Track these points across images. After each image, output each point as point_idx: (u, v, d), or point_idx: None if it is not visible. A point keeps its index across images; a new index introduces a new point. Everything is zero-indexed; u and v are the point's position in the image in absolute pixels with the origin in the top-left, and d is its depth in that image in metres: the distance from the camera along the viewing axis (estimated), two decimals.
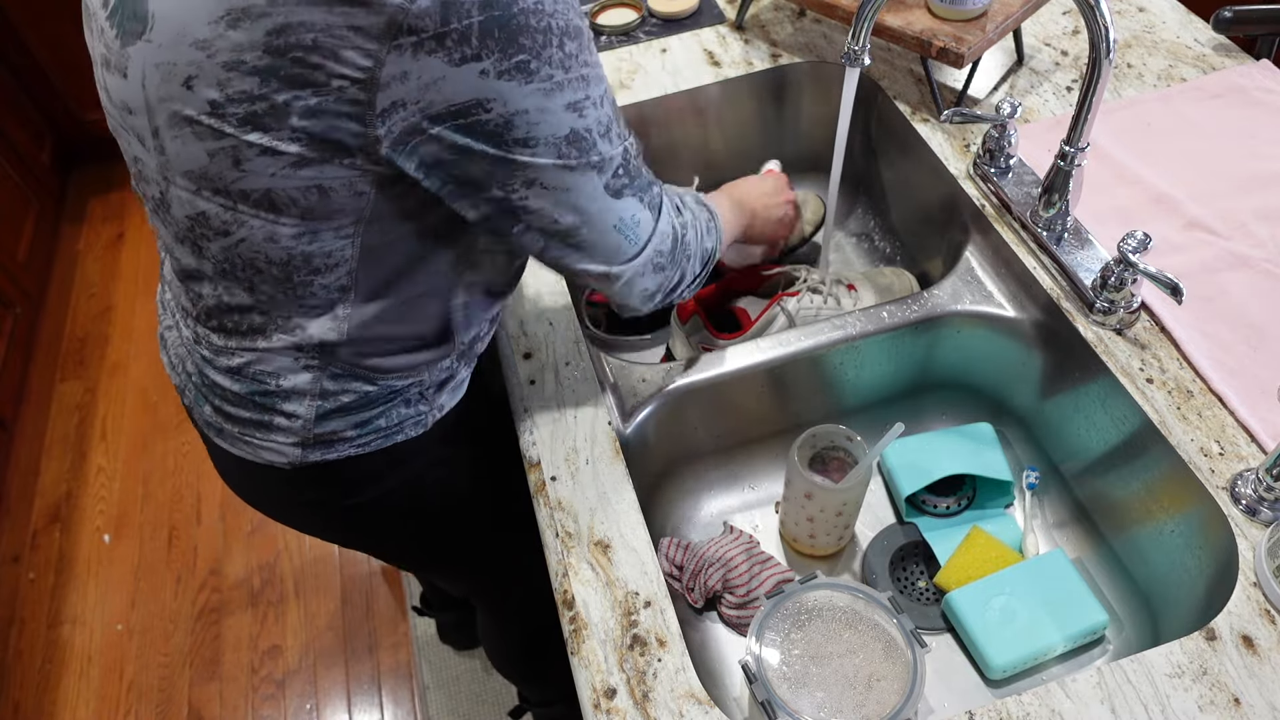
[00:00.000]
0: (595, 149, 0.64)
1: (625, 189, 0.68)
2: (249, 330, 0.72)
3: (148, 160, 0.66)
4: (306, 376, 0.73)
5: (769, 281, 1.09)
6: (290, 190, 0.61)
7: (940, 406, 1.05)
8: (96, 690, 1.73)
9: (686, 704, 0.68)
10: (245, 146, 0.59)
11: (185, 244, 0.69)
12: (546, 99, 0.59)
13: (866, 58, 0.88)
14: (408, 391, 0.78)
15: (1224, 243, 0.93)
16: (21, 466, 2.08)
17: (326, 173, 0.60)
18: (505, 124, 0.58)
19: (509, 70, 0.56)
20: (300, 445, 0.77)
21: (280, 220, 0.63)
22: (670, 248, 0.74)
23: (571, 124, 0.61)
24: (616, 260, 0.71)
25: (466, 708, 1.62)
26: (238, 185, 0.62)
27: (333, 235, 0.65)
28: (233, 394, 0.75)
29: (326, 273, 0.67)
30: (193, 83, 0.58)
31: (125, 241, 2.55)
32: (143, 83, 0.61)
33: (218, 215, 0.64)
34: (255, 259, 0.66)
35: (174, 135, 0.61)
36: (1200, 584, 0.78)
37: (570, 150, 0.62)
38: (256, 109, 0.57)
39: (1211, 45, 1.16)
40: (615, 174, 0.66)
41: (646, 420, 0.90)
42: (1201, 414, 0.81)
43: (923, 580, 0.92)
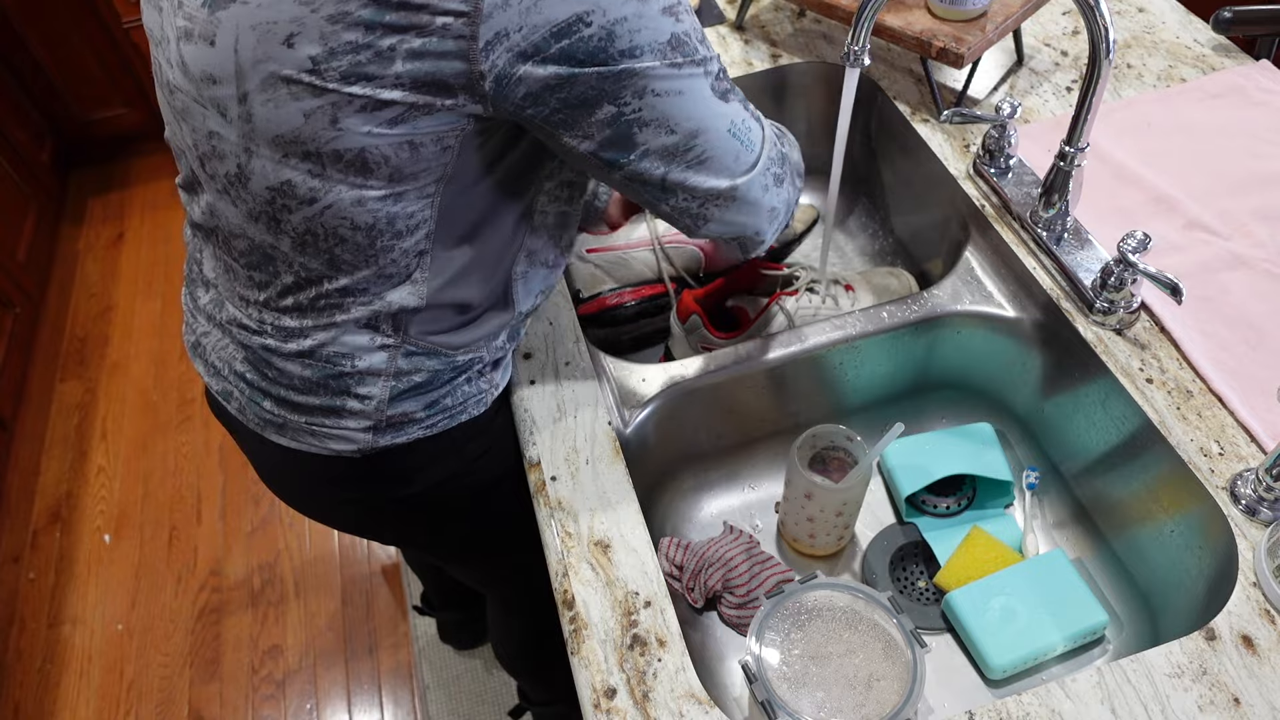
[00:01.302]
0: (697, 51, 0.64)
1: (730, 93, 0.68)
2: (326, 306, 0.72)
3: (227, 134, 0.66)
4: (382, 356, 0.74)
5: (767, 280, 1.09)
6: (383, 148, 0.62)
7: (940, 406, 1.05)
8: (96, 690, 1.73)
9: (686, 704, 0.68)
10: (344, 103, 0.60)
11: (261, 220, 0.69)
12: (643, 3, 0.59)
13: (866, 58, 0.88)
14: (469, 369, 0.80)
15: (1224, 243, 0.93)
16: (21, 466, 2.08)
17: (420, 126, 0.61)
18: (608, 35, 0.59)
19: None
20: (372, 429, 0.77)
21: (369, 183, 0.64)
22: (779, 156, 0.74)
23: (670, 28, 0.61)
24: (739, 170, 0.70)
25: (467, 708, 1.62)
26: (331, 145, 0.62)
27: (415, 195, 0.66)
28: (302, 380, 0.75)
29: (408, 235, 0.68)
30: (294, 40, 0.59)
31: (125, 241, 2.55)
32: (235, 47, 0.61)
33: (304, 182, 0.65)
34: (339, 226, 0.67)
35: (266, 99, 0.62)
36: (1200, 584, 0.78)
37: (674, 54, 0.62)
38: (361, 58, 0.58)
39: (1211, 45, 1.16)
40: (719, 77, 0.66)
41: (646, 420, 0.90)
42: (1201, 414, 0.81)
43: (923, 580, 0.92)
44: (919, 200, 1.14)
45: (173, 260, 2.49)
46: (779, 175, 0.74)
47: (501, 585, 1.18)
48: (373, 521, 0.93)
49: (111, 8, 2.32)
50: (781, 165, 0.74)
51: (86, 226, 2.60)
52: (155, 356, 2.26)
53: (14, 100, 2.40)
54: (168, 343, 2.28)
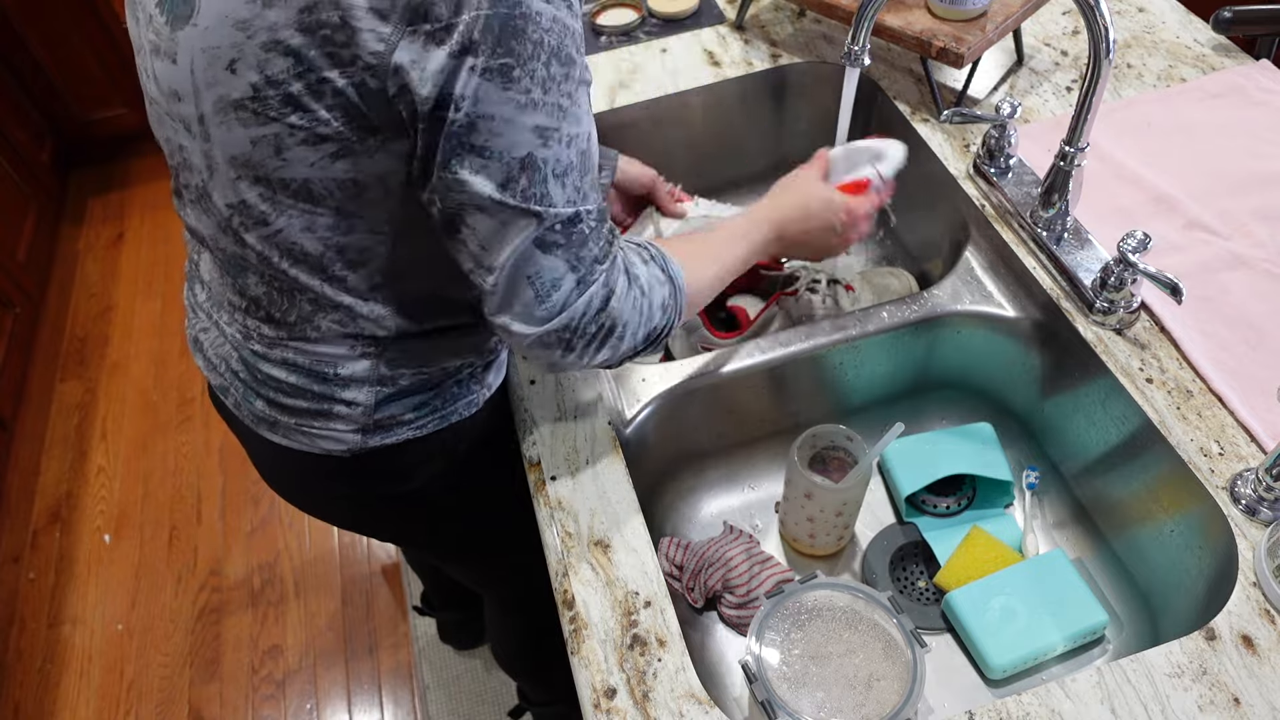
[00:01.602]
0: (544, 186, 0.61)
1: (555, 247, 0.64)
2: (297, 320, 0.72)
3: (192, 148, 0.67)
4: (364, 364, 0.74)
5: (767, 280, 1.09)
6: (326, 182, 0.63)
7: (940, 406, 1.05)
8: (96, 690, 1.73)
9: (686, 704, 0.68)
10: (287, 134, 0.60)
11: (227, 234, 0.70)
12: (517, 112, 0.58)
13: (866, 58, 0.88)
14: (460, 373, 0.80)
15: (1224, 243, 0.93)
16: (21, 466, 2.08)
17: (362, 165, 0.62)
18: (470, 125, 0.58)
19: (492, 70, 0.57)
20: (360, 431, 0.77)
21: (318, 211, 0.64)
22: (594, 330, 0.68)
23: (531, 148, 0.60)
24: (519, 317, 0.66)
25: (466, 708, 1.62)
26: (278, 174, 0.63)
27: (366, 230, 0.66)
28: (289, 385, 0.76)
29: (360, 267, 0.68)
30: (236, 65, 0.59)
31: (125, 241, 2.55)
32: (191, 68, 0.62)
33: (257, 205, 0.65)
34: (293, 249, 0.67)
35: (219, 121, 0.63)
36: (1200, 584, 0.78)
37: (520, 177, 0.60)
38: (294, 90, 0.59)
39: (1211, 45, 1.16)
40: (552, 229, 0.63)
41: (646, 420, 0.90)
42: (1201, 414, 0.81)
43: (923, 580, 0.92)
44: (919, 200, 1.14)
45: (173, 260, 2.49)
46: (570, 343, 0.68)
47: (499, 585, 1.18)
48: (368, 518, 0.93)
49: (111, 8, 2.32)
50: (586, 337, 0.68)
51: (86, 226, 2.60)
52: (155, 356, 2.26)
53: (14, 100, 2.40)
54: (168, 343, 2.28)
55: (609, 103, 1.16)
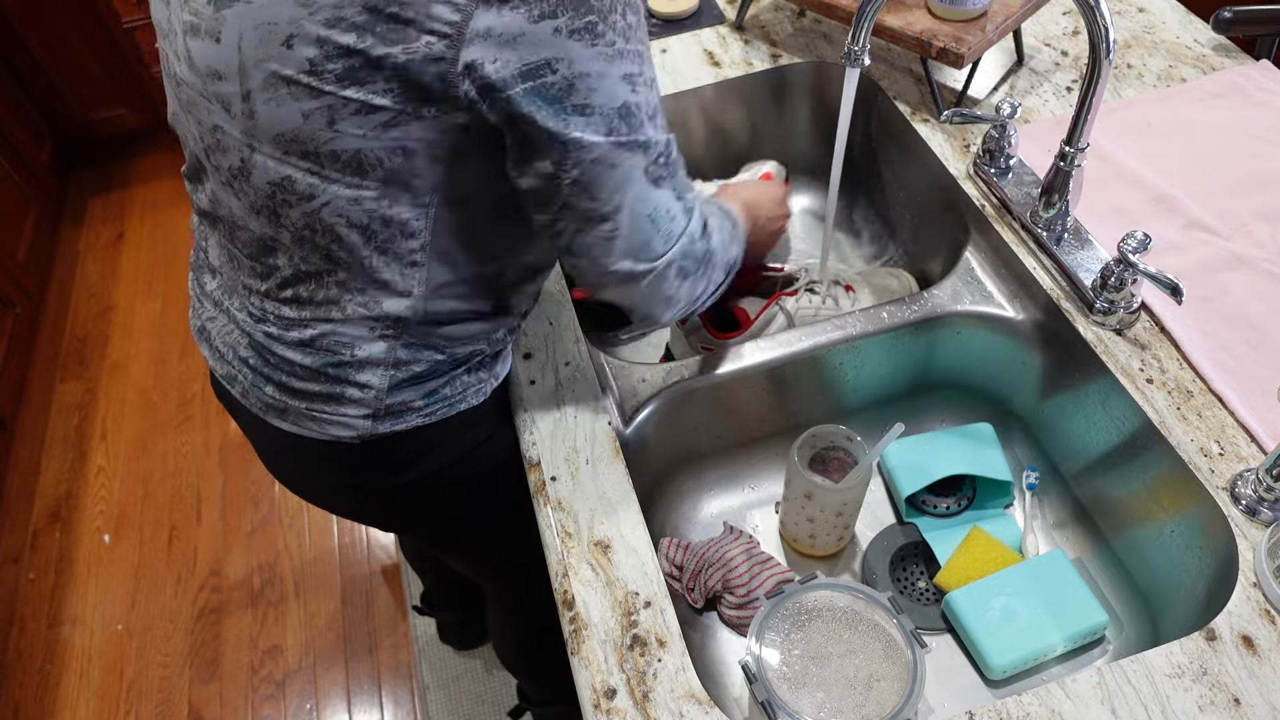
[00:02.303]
0: (643, 129, 0.65)
1: (664, 180, 0.68)
2: (324, 300, 0.73)
3: (230, 128, 0.67)
4: (381, 345, 0.75)
5: (767, 281, 1.09)
6: (378, 151, 0.64)
7: (940, 406, 1.05)
8: (96, 690, 1.73)
9: (686, 704, 0.68)
10: (341, 105, 0.61)
11: (262, 214, 0.70)
12: (608, 64, 0.61)
13: (866, 58, 0.88)
14: (469, 360, 0.81)
15: (1224, 243, 0.93)
16: (21, 466, 2.08)
17: (412, 133, 0.63)
18: (568, 87, 0.60)
19: (579, 30, 0.59)
20: (371, 417, 0.78)
21: (365, 183, 0.65)
22: (700, 253, 0.74)
23: (625, 97, 0.63)
24: (645, 256, 0.70)
25: (466, 708, 1.62)
26: (329, 146, 0.64)
27: (410, 202, 0.67)
28: (303, 368, 0.76)
29: (402, 240, 0.69)
30: (293, 41, 0.60)
31: (125, 241, 2.55)
32: (239, 45, 0.62)
33: (303, 179, 0.66)
34: (336, 224, 0.68)
35: (268, 98, 0.63)
36: (1200, 584, 0.78)
37: (621, 125, 0.63)
38: (354, 63, 0.60)
39: (1211, 45, 1.16)
40: (657, 161, 0.67)
41: (646, 420, 0.90)
42: (1201, 414, 0.81)
43: (923, 580, 0.92)
44: (919, 200, 1.13)
45: (173, 260, 2.49)
46: (685, 269, 0.74)
47: (501, 580, 1.18)
48: (374, 508, 0.94)
49: (111, 8, 2.32)
50: (695, 260, 0.74)
51: (86, 226, 2.60)
52: (155, 356, 2.26)
53: (14, 100, 2.40)
54: (168, 343, 2.28)
55: None
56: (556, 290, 0.97)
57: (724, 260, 0.79)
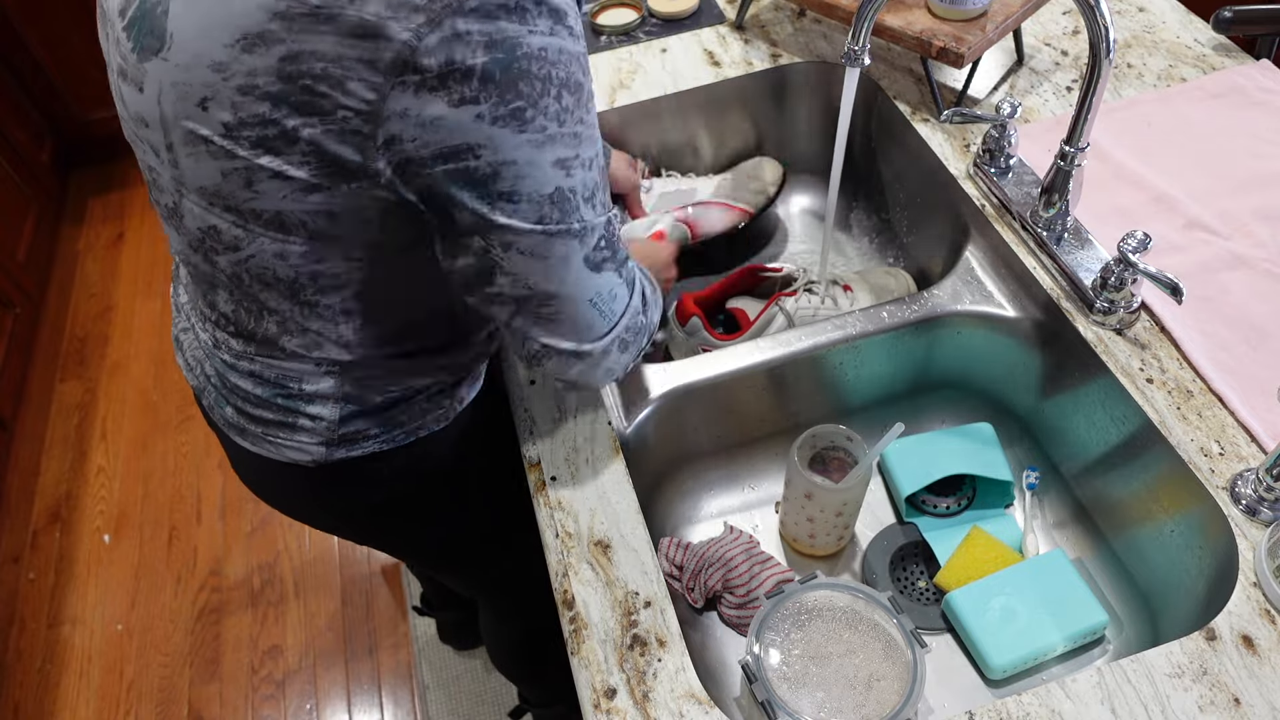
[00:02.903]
0: (578, 213, 0.62)
1: (606, 262, 0.66)
2: (266, 339, 0.72)
3: (161, 171, 0.66)
4: (330, 382, 0.74)
5: (767, 281, 1.09)
6: (300, 213, 0.62)
7: (940, 406, 1.05)
8: (96, 690, 1.73)
9: (686, 704, 0.68)
10: (257, 170, 0.60)
11: (198, 253, 0.69)
12: (537, 151, 0.58)
13: (866, 58, 0.88)
14: (430, 389, 0.79)
15: (1224, 243, 0.93)
16: (21, 466, 2.08)
17: (335, 198, 0.61)
18: (493, 174, 0.57)
19: (504, 116, 0.56)
20: (325, 444, 0.77)
21: (290, 239, 0.64)
22: (640, 325, 0.73)
23: (558, 182, 0.60)
24: (587, 338, 0.68)
25: (466, 708, 1.62)
26: (249, 205, 0.62)
27: (340, 258, 0.65)
28: (255, 397, 0.76)
29: (333, 292, 0.68)
30: (208, 104, 0.59)
31: (125, 241, 2.55)
32: (158, 99, 0.61)
33: (229, 231, 0.65)
34: (264, 274, 0.67)
35: (188, 152, 0.62)
36: (1200, 584, 0.78)
37: (553, 211, 0.60)
38: (268, 133, 0.58)
39: (1211, 45, 1.16)
40: (597, 245, 0.64)
41: (646, 420, 0.90)
42: (1201, 414, 0.81)
43: (923, 580, 0.91)
44: (919, 200, 1.13)
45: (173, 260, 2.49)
46: (626, 342, 0.72)
47: (490, 592, 1.18)
48: (344, 526, 0.93)
49: None
50: (635, 334, 0.73)
51: (86, 226, 2.60)
52: (155, 356, 2.26)
53: (14, 100, 2.40)
54: (168, 343, 2.28)
55: (609, 103, 1.16)
56: None
57: (650, 325, 0.76)
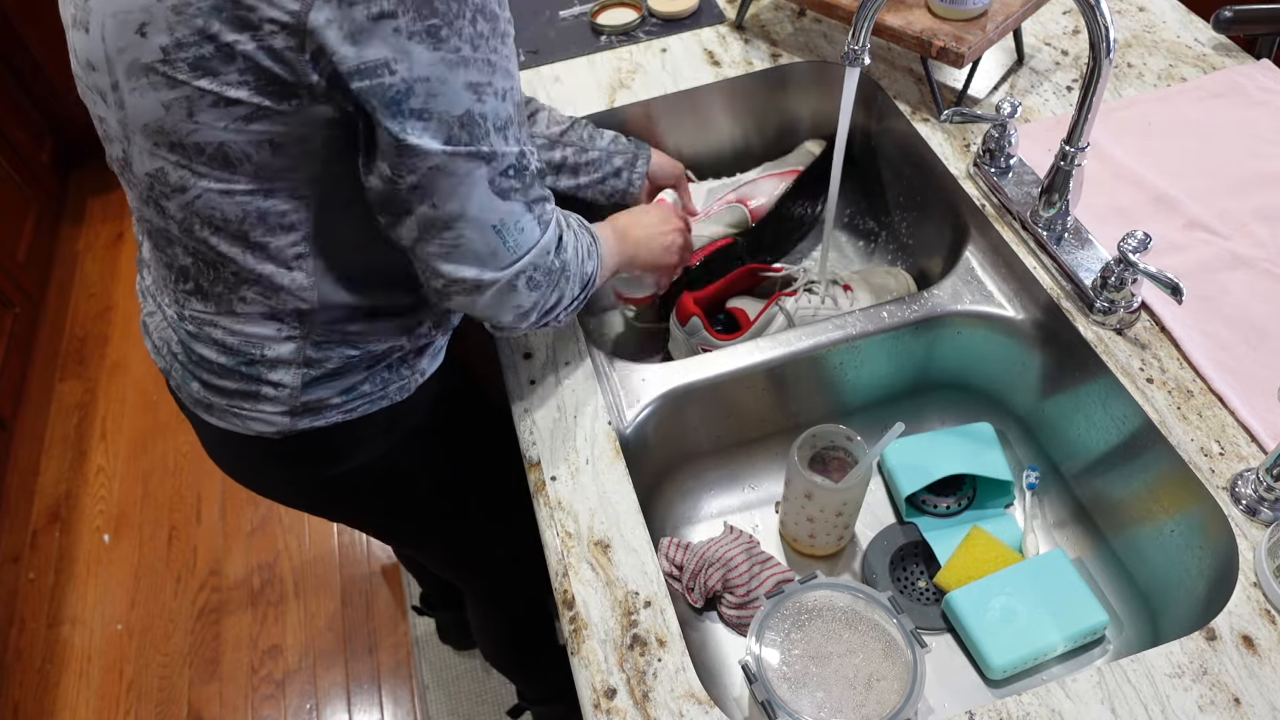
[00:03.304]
0: (488, 139, 0.63)
1: (514, 192, 0.67)
2: (225, 293, 0.72)
3: (109, 118, 0.67)
4: (290, 346, 0.75)
5: (767, 281, 1.09)
6: (243, 145, 0.62)
7: (940, 406, 1.05)
8: (96, 690, 1.73)
9: (686, 704, 0.68)
10: (198, 96, 0.60)
11: (149, 204, 0.70)
12: (449, 70, 0.60)
13: (866, 58, 0.88)
14: (389, 356, 0.80)
15: (1224, 243, 0.93)
16: (21, 466, 2.08)
17: (276, 125, 0.62)
18: (406, 90, 0.59)
19: (419, 33, 0.58)
20: (289, 414, 0.78)
21: (234, 178, 0.64)
22: (551, 264, 0.73)
23: (468, 105, 0.62)
24: (490, 265, 0.69)
25: (466, 708, 1.62)
26: (192, 139, 0.63)
27: (285, 194, 0.66)
28: (219, 366, 0.76)
29: (282, 233, 0.68)
30: (145, 29, 0.59)
31: (125, 241, 2.55)
32: (102, 34, 0.62)
33: (174, 171, 0.65)
34: (212, 216, 0.67)
35: (132, 87, 0.63)
36: (1200, 584, 0.78)
37: (461, 134, 0.62)
38: (204, 51, 0.59)
39: (1211, 45, 1.16)
40: (505, 173, 0.66)
41: (646, 420, 0.90)
42: (1201, 414, 0.81)
43: (923, 580, 0.91)
44: (919, 200, 1.13)
45: None
46: (535, 281, 0.72)
47: (469, 575, 1.18)
48: (313, 499, 0.93)
49: None
50: (547, 273, 0.73)
51: (86, 226, 2.60)
52: None
53: (14, 100, 2.40)
54: None
55: (609, 102, 1.16)
56: None
57: (579, 274, 0.77)
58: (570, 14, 1.30)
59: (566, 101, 1.17)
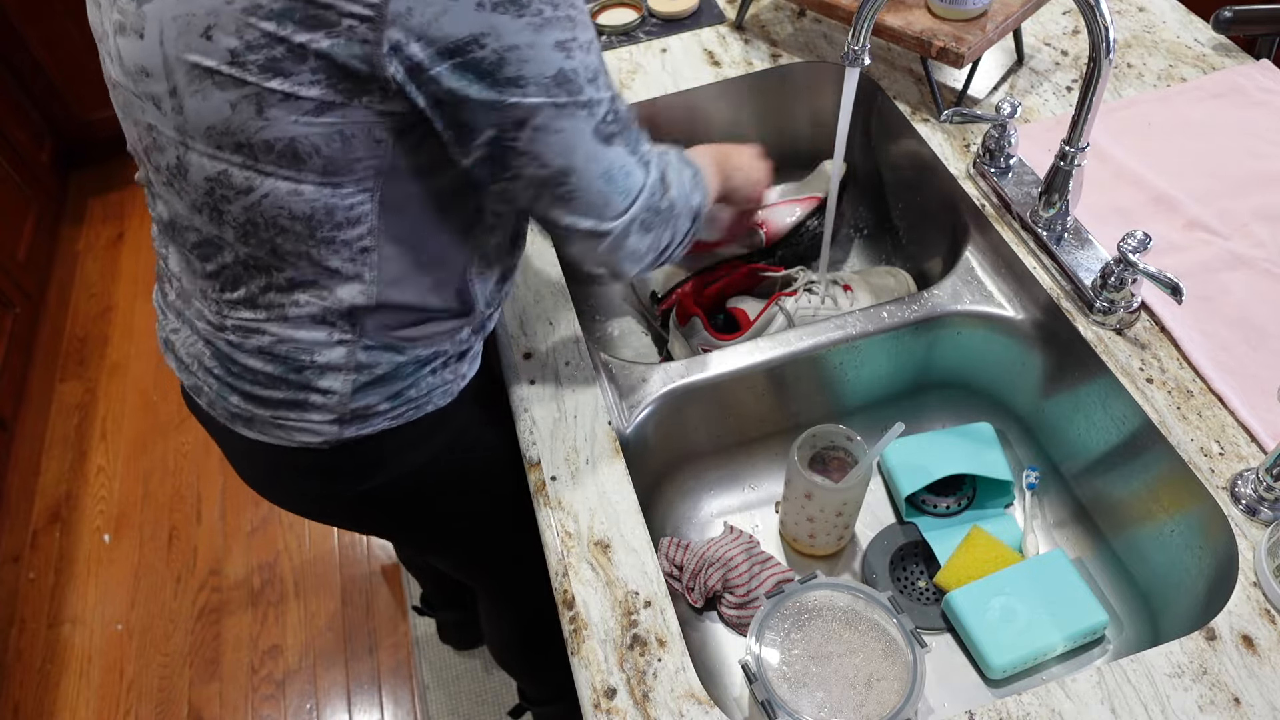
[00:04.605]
0: (583, 91, 0.64)
1: (615, 137, 0.68)
2: (277, 299, 0.72)
3: (163, 126, 0.66)
4: (340, 350, 0.74)
5: (767, 281, 1.09)
6: (313, 138, 0.62)
7: (940, 406, 1.05)
8: (96, 690, 1.73)
9: (686, 704, 0.68)
10: (267, 94, 0.60)
11: (204, 211, 0.69)
12: (536, 34, 0.60)
13: (866, 58, 0.88)
14: (433, 361, 0.80)
15: (1224, 243, 0.93)
16: (21, 466, 2.08)
17: (348, 117, 0.62)
18: (499, 61, 0.60)
19: (502, 3, 0.58)
20: (337, 422, 0.78)
21: (303, 173, 0.64)
22: (660, 204, 0.74)
23: (560, 63, 0.62)
24: (606, 215, 0.70)
25: (466, 708, 1.62)
26: (261, 135, 0.62)
27: (354, 188, 0.66)
28: (265, 375, 0.76)
29: (349, 227, 0.68)
30: (212, 32, 0.59)
31: (125, 241, 2.55)
32: (160, 39, 0.62)
33: (239, 173, 0.65)
34: (278, 215, 0.67)
35: (194, 90, 0.62)
36: (1200, 584, 0.78)
37: (559, 91, 0.63)
38: (276, 53, 0.59)
39: (1211, 45, 1.16)
40: (605, 119, 0.67)
41: (646, 420, 0.90)
42: (1201, 414, 0.81)
43: (923, 580, 0.92)
44: (919, 200, 1.14)
45: None
46: (648, 223, 0.73)
47: (485, 577, 1.18)
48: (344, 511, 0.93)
49: None
50: (657, 214, 0.74)
51: (86, 226, 2.60)
52: (155, 356, 2.26)
53: (14, 100, 2.40)
54: None
55: None
56: (556, 290, 0.98)
57: (687, 208, 0.78)
58: None
59: None
